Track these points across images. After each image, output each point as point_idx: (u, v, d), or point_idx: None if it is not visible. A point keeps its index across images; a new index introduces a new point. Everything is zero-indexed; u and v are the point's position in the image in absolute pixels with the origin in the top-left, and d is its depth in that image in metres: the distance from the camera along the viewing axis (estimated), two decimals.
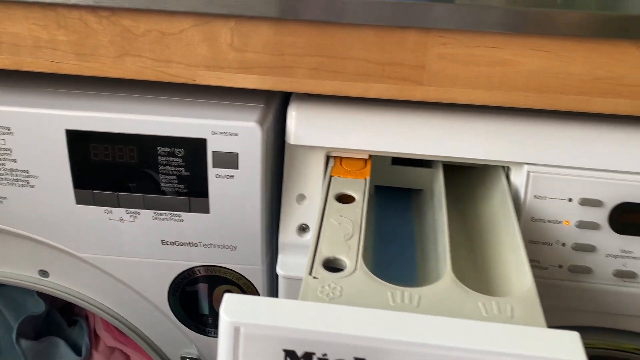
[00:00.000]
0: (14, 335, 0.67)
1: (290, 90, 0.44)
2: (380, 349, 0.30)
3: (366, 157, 0.50)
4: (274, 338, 0.30)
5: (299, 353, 0.30)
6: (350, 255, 0.39)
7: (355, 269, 0.37)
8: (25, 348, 0.69)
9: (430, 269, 0.45)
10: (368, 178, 0.47)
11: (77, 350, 0.73)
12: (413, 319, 0.31)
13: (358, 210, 0.43)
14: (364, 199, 0.44)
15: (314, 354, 0.30)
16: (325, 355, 0.30)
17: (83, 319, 0.75)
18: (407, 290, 0.36)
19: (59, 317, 0.75)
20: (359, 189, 0.46)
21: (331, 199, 0.45)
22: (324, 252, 0.39)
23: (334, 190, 0.46)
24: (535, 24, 0.40)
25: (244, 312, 0.31)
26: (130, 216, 0.49)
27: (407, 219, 0.54)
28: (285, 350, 0.30)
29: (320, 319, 0.31)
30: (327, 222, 0.42)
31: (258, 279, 0.52)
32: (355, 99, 0.46)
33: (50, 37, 0.44)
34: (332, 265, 0.39)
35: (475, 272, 0.42)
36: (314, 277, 0.36)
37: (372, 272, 0.37)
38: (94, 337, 0.74)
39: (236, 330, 0.31)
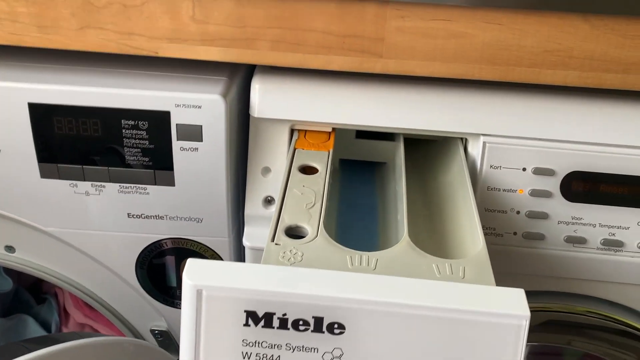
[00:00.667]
0: None
1: (253, 62, 0.45)
2: (337, 307, 0.31)
3: (330, 130, 0.51)
4: (235, 299, 0.31)
5: (260, 313, 0.31)
6: (312, 222, 0.40)
7: (317, 235, 0.38)
8: None
9: (390, 237, 0.46)
10: (331, 150, 0.48)
11: (46, 327, 0.73)
12: (368, 278, 0.32)
13: (321, 180, 0.44)
14: (327, 170, 0.46)
15: (274, 314, 0.31)
16: (285, 315, 0.31)
17: (52, 296, 0.75)
18: (365, 254, 0.37)
19: (28, 295, 0.75)
20: (322, 161, 0.47)
21: (294, 171, 0.46)
22: (286, 220, 0.40)
23: (298, 162, 0.47)
24: None
25: (206, 275, 0.32)
26: (96, 190, 0.49)
27: (371, 191, 0.55)
28: (246, 312, 0.32)
29: (280, 280, 0.32)
30: (290, 192, 0.43)
31: (225, 250, 0.53)
32: (319, 72, 0.47)
33: (10, 8, 0.43)
34: (294, 233, 0.40)
35: (432, 238, 0.44)
36: (276, 244, 0.37)
37: (335, 240, 0.39)
38: (64, 315, 0.74)
39: (198, 293, 0.32)
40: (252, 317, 0.31)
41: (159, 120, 0.46)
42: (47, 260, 0.56)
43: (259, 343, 0.32)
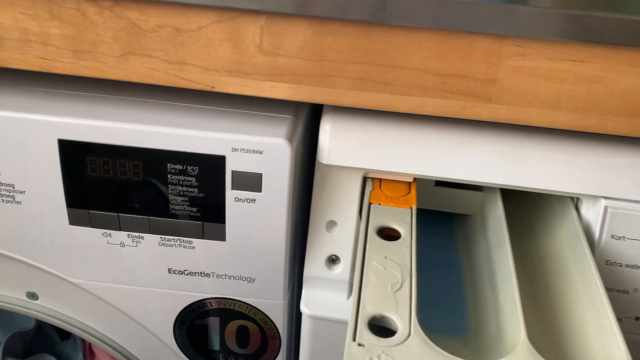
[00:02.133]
0: None
1: (328, 102, 0.37)
2: None
3: (410, 179, 0.42)
4: None
5: None
6: (401, 312, 0.32)
7: (409, 334, 0.30)
8: None
9: (486, 319, 0.38)
10: (414, 207, 0.40)
11: None
12: None
13: (406, 250, 0.36)
14: (411, 236, 0.37)
15: None
16: None
17: None
18: None
19: (51, 330, 0.69)
20: (404, 221, 0.39)
21: (372, 234, 0.38)
22: (369, 308, 0.32)
23: (375, 221, 0.39)
24: (635, 35, 0.32)
25: None
26: (133, 241, 0.42)
27: (452, 249, 0.47)
28: None
29: None
30: (370, 265, 0.35)
31: (278, 314, 0.45)
32: (401, 113, 0.39)
33: (41, 29, 0.36)
34: (379, 324, 0.32)
35: (543, 326, 0.35)
36: (359, 344, 0.29)
37: (418, 319, 0.31)
38: (89, 353, 0.68)
39: None
40: None
41: (211, 166, 0.39)
42: (73, 310, 0.49)
43: None
